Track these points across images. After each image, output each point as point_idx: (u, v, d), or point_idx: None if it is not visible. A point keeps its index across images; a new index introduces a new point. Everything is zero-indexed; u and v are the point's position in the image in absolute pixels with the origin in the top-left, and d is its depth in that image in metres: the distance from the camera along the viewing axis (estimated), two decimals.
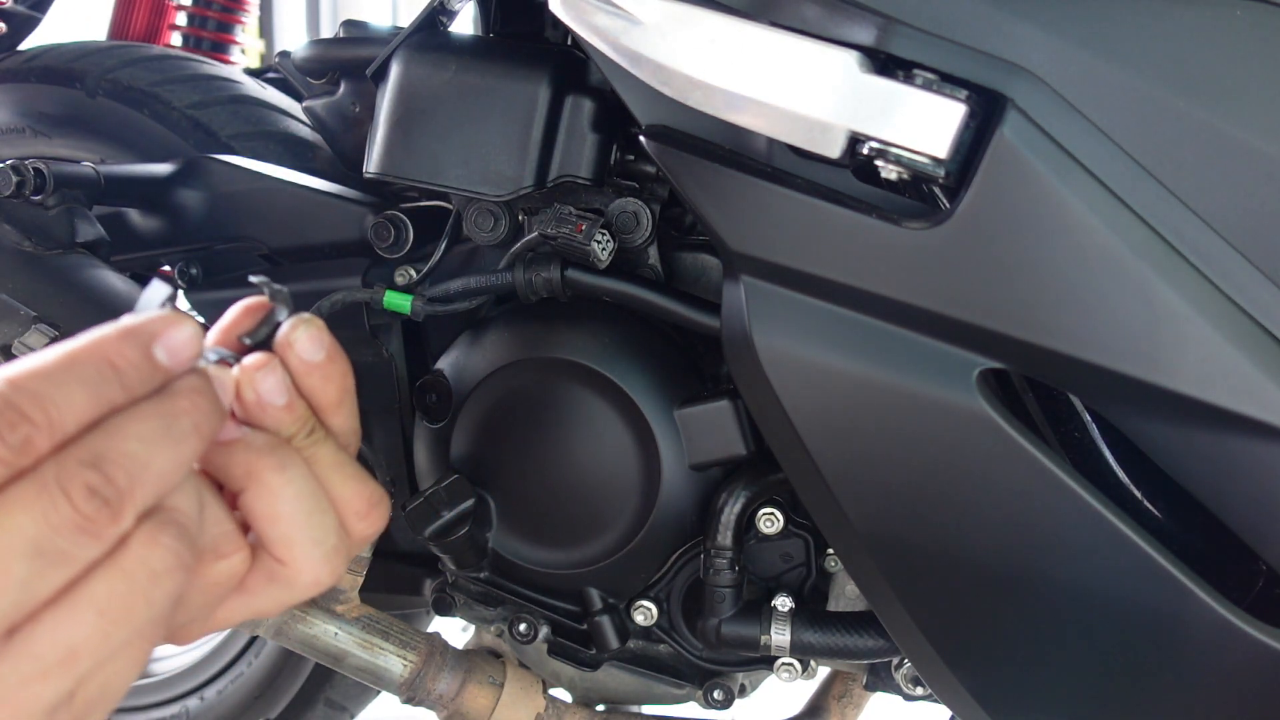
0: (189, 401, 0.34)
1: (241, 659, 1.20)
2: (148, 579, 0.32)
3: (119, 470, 0.31)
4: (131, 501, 0.32)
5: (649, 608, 0.74)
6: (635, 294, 0.69)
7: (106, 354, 0.33)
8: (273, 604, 0.39)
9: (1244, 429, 0.50)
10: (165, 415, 0.33)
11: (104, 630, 0.31)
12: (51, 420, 0.31)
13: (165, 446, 0.33)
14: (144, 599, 0.32)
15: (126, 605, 0.32)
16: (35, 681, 0.31)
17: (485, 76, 0.66)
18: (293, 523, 0.37)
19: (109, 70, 0.96)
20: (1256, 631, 0.52)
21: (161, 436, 0.33)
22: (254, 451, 0.37)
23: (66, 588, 0.31)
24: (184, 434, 0.33)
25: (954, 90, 0.50)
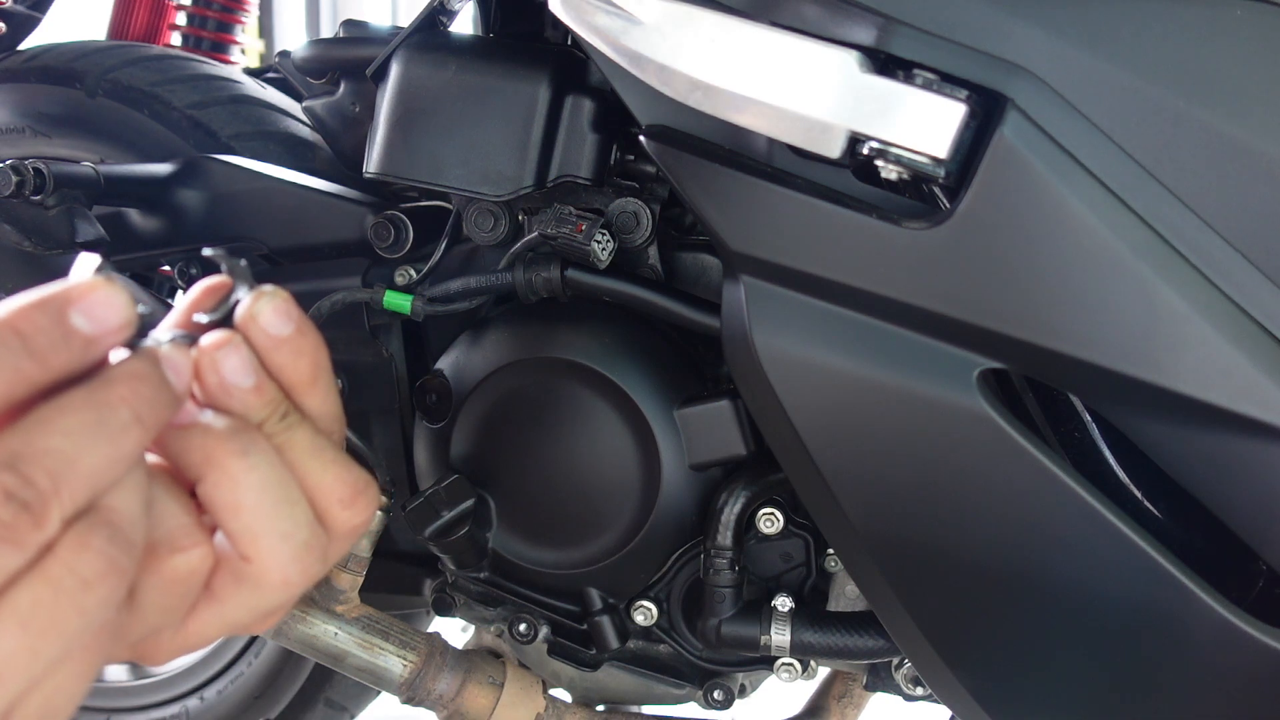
0: (128, 389, 0.30)
1: (241, 659, 1.20)
2: (77, 587, 0.29)
3: (39, 470, 0.28)
4: (56, 504, 0.28)
5: (649, 608, 0.74)
6: (635, 294, 0.69)
7: (12, 321, 0.29)
8: (244, 611, 0.35)
9: (1244, 429, 0.50)
10: (98, 405, 0.30)
11: (31, 646, 0.28)
12: None
13: (97, 440, 0.29)
14: (75, 609, 0.29)
15: (54, 617, 0.28)
16: None
17: (485, 76, 0.66)
18: (257, 514, 0.33)
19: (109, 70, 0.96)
20: (1256, 631, 0.52)
21: (92, 429, 0.29)
22: (212, 436, 0.33)
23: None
24: (122, 426, 0.30)
25: (954, 90, 0.50)
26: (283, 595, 0.35)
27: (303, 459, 0.35)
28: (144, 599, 0.33)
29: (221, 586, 0.35)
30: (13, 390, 0.29)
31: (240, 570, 0.34)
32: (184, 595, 0.34)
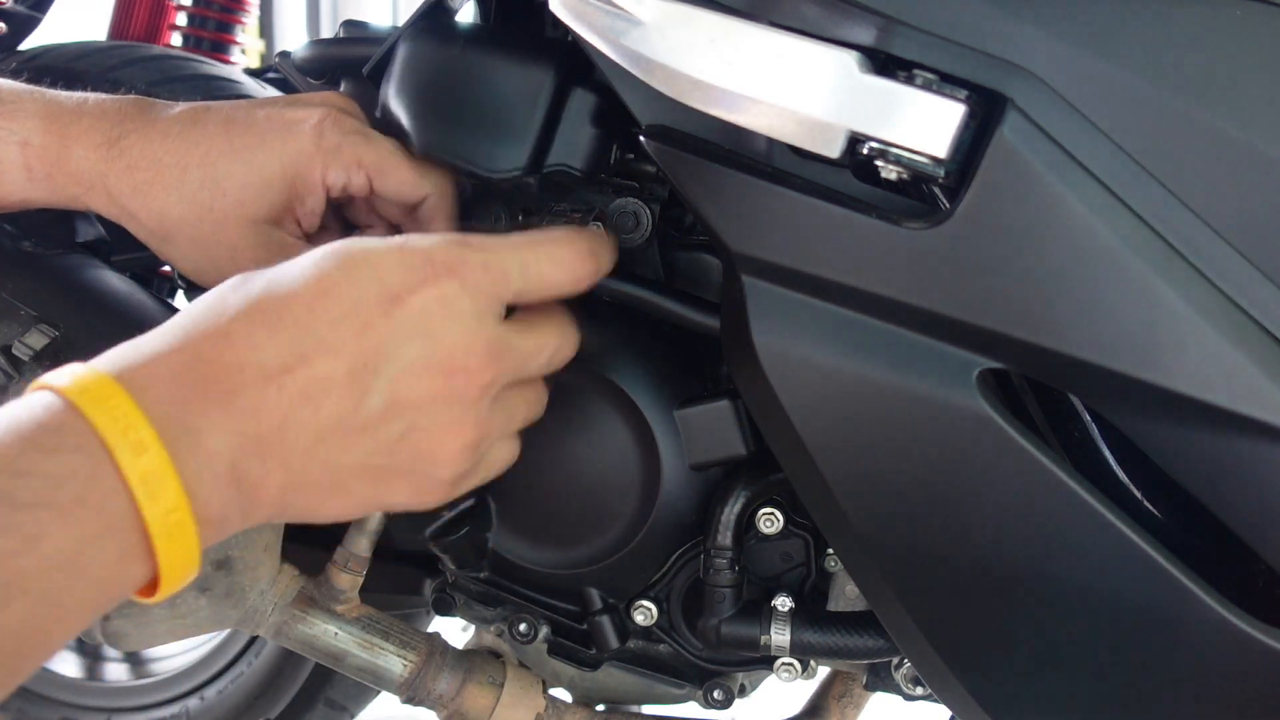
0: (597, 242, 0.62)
1: (241, 659, 1.20)
2: (537, 397, 0.61)
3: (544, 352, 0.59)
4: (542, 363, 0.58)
5: (649, 608, 0.74)
6: (635, 294, 0.69)
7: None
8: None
9: (1244, 429, 0.50)
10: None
11: (510, 424, 0.58)
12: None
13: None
14: (535, 408, 0.60)
15: (528, 412, 0.60)
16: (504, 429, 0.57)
17: (495, 54, 0.66)
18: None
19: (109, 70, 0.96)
20: (1256, 631, 0.52)
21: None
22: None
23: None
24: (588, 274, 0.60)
25: (954, 90, 0.50)
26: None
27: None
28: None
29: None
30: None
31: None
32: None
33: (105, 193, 0.62)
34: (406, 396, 0.50)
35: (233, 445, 0.45)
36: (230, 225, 0.63)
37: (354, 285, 0.49)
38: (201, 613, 0.71)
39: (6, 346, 0.61)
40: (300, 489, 0.49)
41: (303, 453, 0.48)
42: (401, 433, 0.50)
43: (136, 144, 0.63)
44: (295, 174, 0.65)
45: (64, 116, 0.62)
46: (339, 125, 0.66)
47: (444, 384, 0.51)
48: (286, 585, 0.73)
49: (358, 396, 0.48)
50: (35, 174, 0.62)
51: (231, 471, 0.46)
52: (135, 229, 0.64)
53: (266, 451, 0.46)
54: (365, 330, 0.48)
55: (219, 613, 0.71)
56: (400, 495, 0.53)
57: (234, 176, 0.63)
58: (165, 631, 0.71)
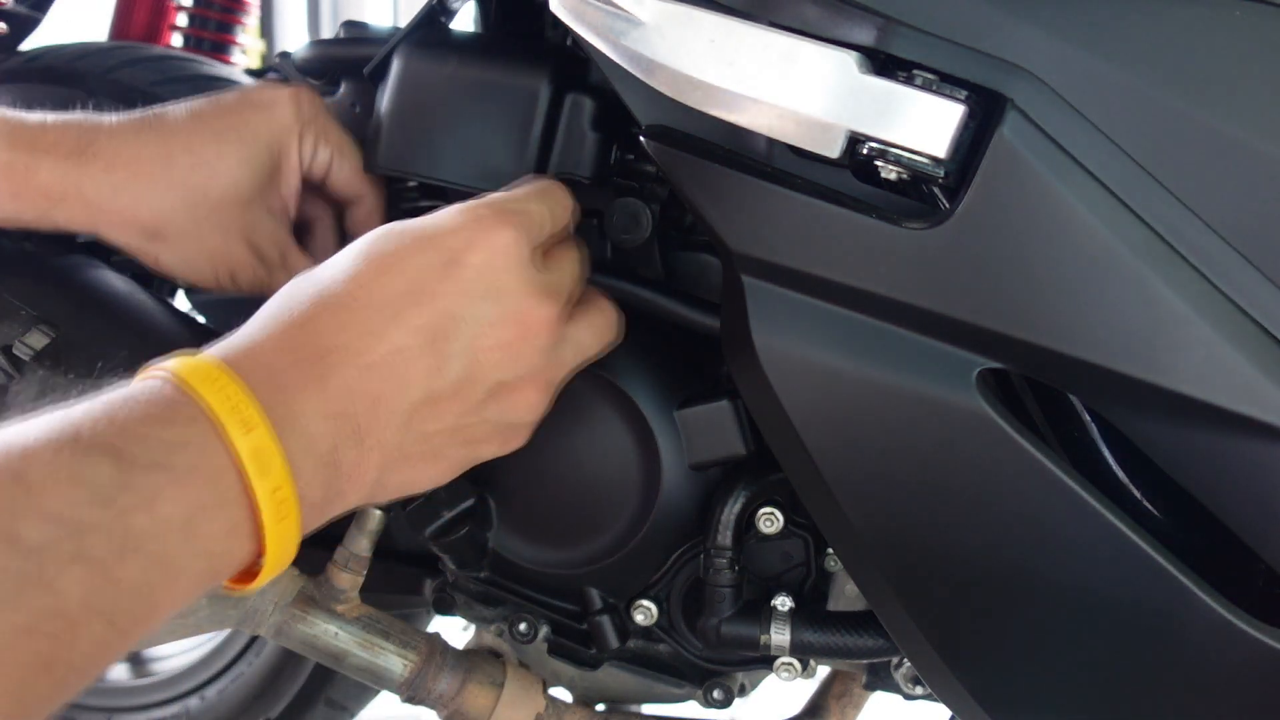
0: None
1: (242, 659, 1.20)
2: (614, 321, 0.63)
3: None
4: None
5: (649, 607, 0.74)
6: (635, 294, 0.69)
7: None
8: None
9: (1244, 429, 0.50)
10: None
11: (594, 342, 0.61)
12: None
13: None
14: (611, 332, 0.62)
15: (605, 332, 0.62)
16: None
17: (486, 71, 0.66)
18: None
19: (109, 70, 0.96)
20: (1256, 631, 0.52)
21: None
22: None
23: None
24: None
25: (954, 90, 0.50)
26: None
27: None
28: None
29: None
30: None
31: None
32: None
33: (80, 201, 0.62)
34: (486, 355, 0.52)
35: (330, 429, 0.47)
36: (224, 209, 0.63)
37: (410, 257, 0.51)
38: (201, 613, 0.71)
39: (7, 346, 0.61)
40: (397, 466, 0.50)
41: (397, 430, 0.49)
42: (488, 390, 0.53)
43: (109, 145, 0.62)
44: (280, 147, 0.65)
45: (28, 133, 0.62)
46: (311, 100, 0.68)
47: (518, 334, 0.53)
48: (287, 585, 0.73)
49: (439, 364, 0.50)
50: (1, 191, 0.61)
51: (331, 454, 0.47)
52: (116, 233, 0.63)
53: (362, 433, 0.48)
54: (432, 298, 0.50)
55: (219, 613, 0.71)
56: (491, 448, 0.55)
57: (224, 157, 0.63)
58: (165, 631, 0.71)
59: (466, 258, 0.51)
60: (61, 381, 0.60)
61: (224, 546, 0.43)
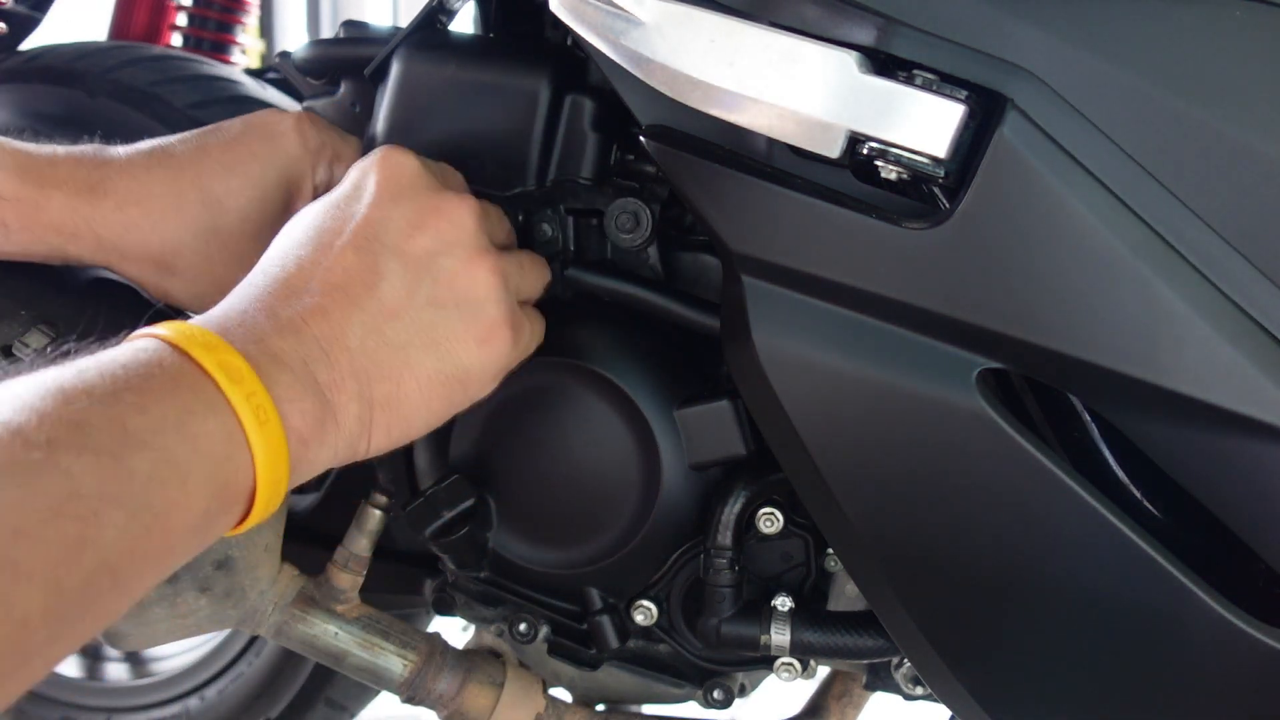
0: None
1: (242, 659, 1.20)
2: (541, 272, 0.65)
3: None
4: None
5: (649, 607, 0.74)
6: (635, 294, 0.69)
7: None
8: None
9: (1244, 429, 0.50)
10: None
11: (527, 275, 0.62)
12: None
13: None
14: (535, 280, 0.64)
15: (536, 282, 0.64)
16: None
17: (485, 74, 0.66)
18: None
19: (109, 70, 0.96)
20: (1256, 631, 0.52)
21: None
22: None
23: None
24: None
25: (954, 90, 0.50)
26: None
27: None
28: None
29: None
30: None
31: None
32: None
33: (92, 237, 0.62)
34: (414, 247, 0.55)
35: (293, 346, 0.49)
36: (235, 242, 0.64)
37: (329, 200, 0.56)
38: (201, 613, 0.71)
39: (6, 346, 0.61)
40: (375, 378, 0.52)
41: (358, 337, 0.52)
42: (431, 281, 0.55)
43: (120, 182, 0.62)
44: (289, 178, 0.66)
45: (37, 167, 0.61)
46: (316, 125, 0.68)
47: (439, 221, 0.56)
48: (286, 585, 0.73)
49: (373, 265, 0.53)
50: (11, 227, 0.61)
51: (304, 368, 0.49)
52: (128, 269, 0.64)
53: (327, 345, 0.51)
54: (349, 219, 0.54)
55: (219, 613, 0.71)
56: (466, 349, 0.56)
57: (233, 194, 0.64)
58: (165, 631, 0.71)
59: (369, 179, 0.56)
60: None
61: (224, 449, 0.45)
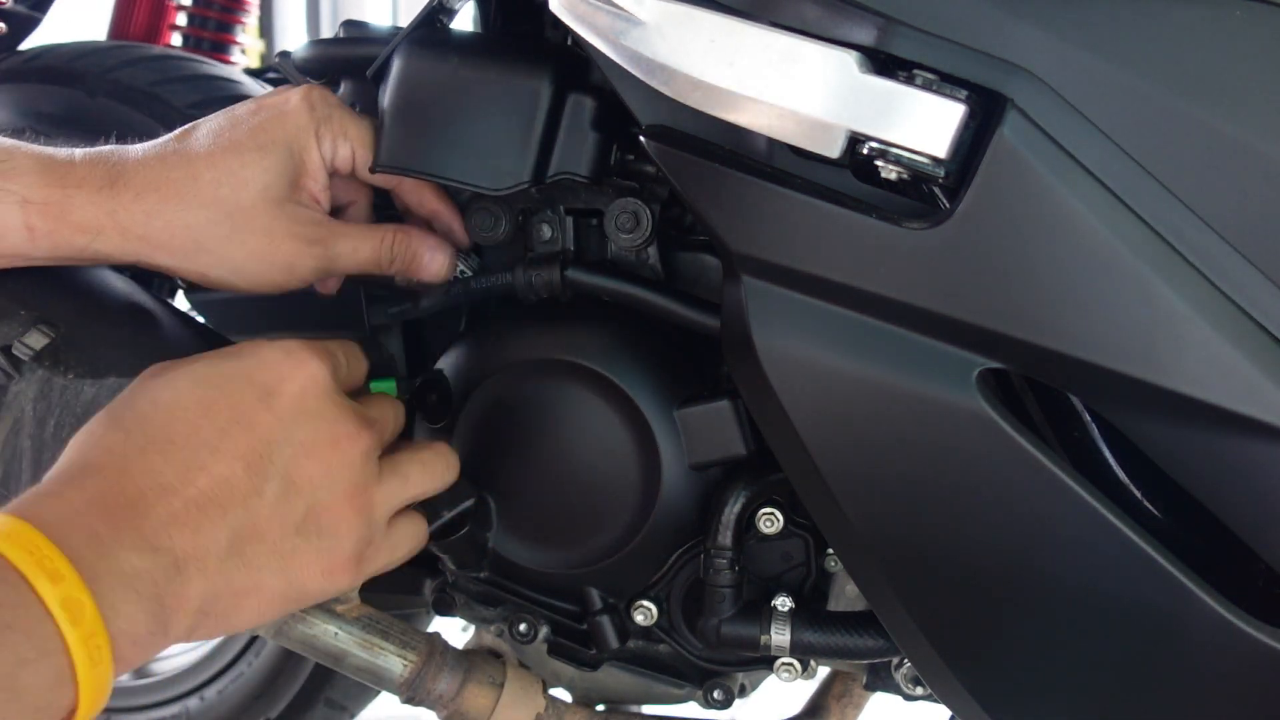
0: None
1: (241, 659, 1.20)
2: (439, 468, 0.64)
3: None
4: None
5: (649, 608, 0.74)
6: (635, 294, 0.69)
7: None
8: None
9: (1244, 429, 0.50)
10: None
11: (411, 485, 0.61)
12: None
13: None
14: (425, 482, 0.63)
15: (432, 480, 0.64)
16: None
17: (488, 70, 0.66)
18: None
19: (109, 70, 0.96)
20: (1256, 631, 0.52)
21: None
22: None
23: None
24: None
25: (954, 90, 0.50)
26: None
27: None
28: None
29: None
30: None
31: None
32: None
33: (117, 230, 0.62)
34: (301, 474, 0.54)
35: (148, 564, 0.48)
36: (258, 212, 0.64)
37: (230, 394, 0.54)
38: None
39: (6, 346, 0.61)
40: (218, 596, 0.51)
41: (218, 556, 0.51)
42: (305, 510, 0.54)
43: (136, 175, 0.63)
44: (300, 148, 0.66)
45: (59, 168, 0.62)
46: (324, 98, 0.68)
47: (330, 453, 0.55)
48: None
49: (258, 485, 0.52)
50: (37, 232, 0.61)
51: (152, 589, 0.48)
52: (156, 256, 0.64)
53: (184, 564, 0.50)
54: (251, 428, 0.53)
55: None
56: (313, 578, 0.56)
57: (247, 166, 0.64)
58: None
59: (282, 387, 0.55)
60: (61, 381, 0.60)
61: (49, 698, 0.44)
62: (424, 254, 0.70)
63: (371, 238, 0.68)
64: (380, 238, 0.69)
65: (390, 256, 0.69)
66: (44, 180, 0.61)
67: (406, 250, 0.70)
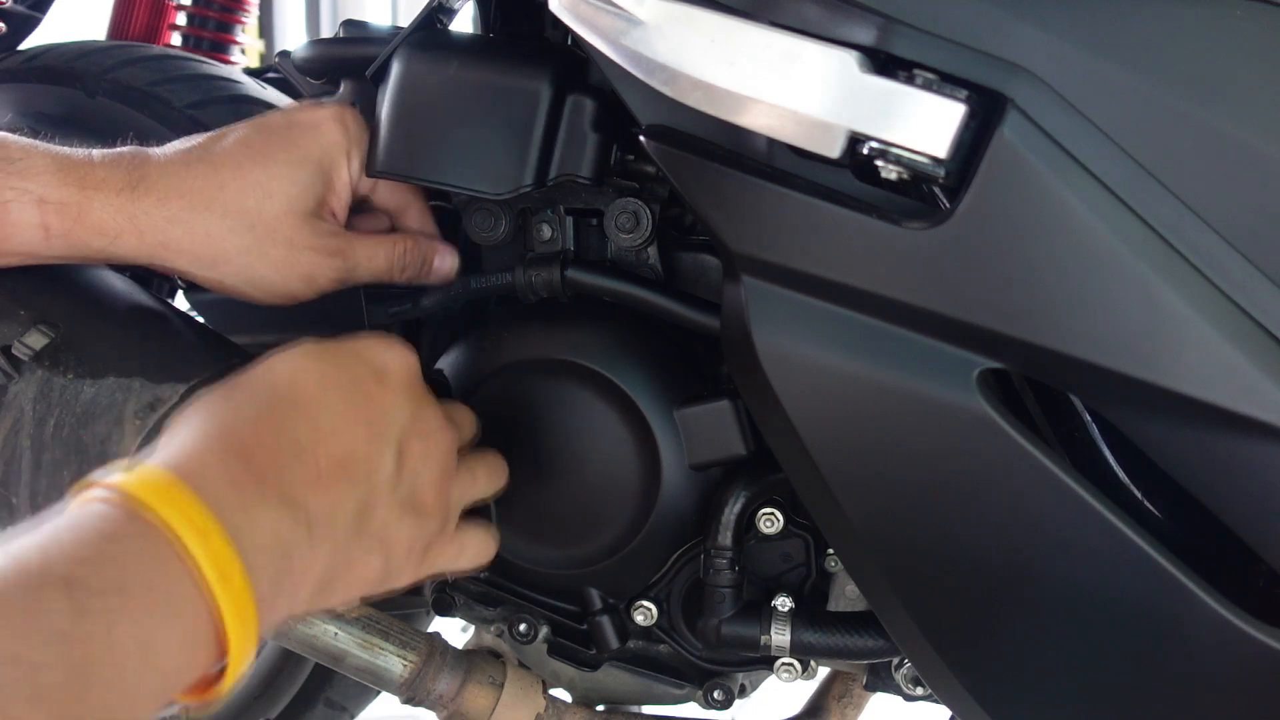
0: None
1: None
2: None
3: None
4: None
5: (649, 608, 0.74)
6: (635, 294, 0.69)
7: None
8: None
9: (1244, 429, 0.50)
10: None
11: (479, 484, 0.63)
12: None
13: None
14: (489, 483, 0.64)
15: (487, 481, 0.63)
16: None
17: (486, 74, 0.66)
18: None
19: (109, 70, 0.96)
20: (1256, 631, 0.52)
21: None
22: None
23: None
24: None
25: (954, 90, 0.50)
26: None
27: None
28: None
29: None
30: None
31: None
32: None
33: (136, 235, 0.62)
34: (410, 451, 0.55)
35: (288, 524, 0.47)
36: (282, 223, 0.64)
37: (348, 367, 0.54)
38: None
39: (6, 346, 0.61)
40: (336, 569, 0.51)
41: (344, 526, 0.50)
42: (409, 488, 0.55)
43: (160, 180, 0.63)
44: (330, 163, 0.66)
45: (77, 169, 0.61)
46: (357, 119, 0.69)
47: (431, 436, 0.56)
48: None
49: (378, 456, 0.53)
50: (53, 232, 0.61)
51: (285, 551, 0.47)
52: (173, 261, 0.64)
53: (314, 531, 0.49)
54: (369, 400, 0.53)
55: None
56: (399, 560, 0.55)
57: (274, 178, 0.64)
58: None
59: (391, 368, 0.56)
60: (61, 381, 0.60)
61: (180, 660, 0.43)
62: (433, 259, 0.71)
63: (385, 247, 0.69)
64: (393, 247, 0.69)
65: (403, 264, 0.69)
66: (61, 180, 0.61)
67: (418, 257, 0.70)
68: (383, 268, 0.69)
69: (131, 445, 0.58)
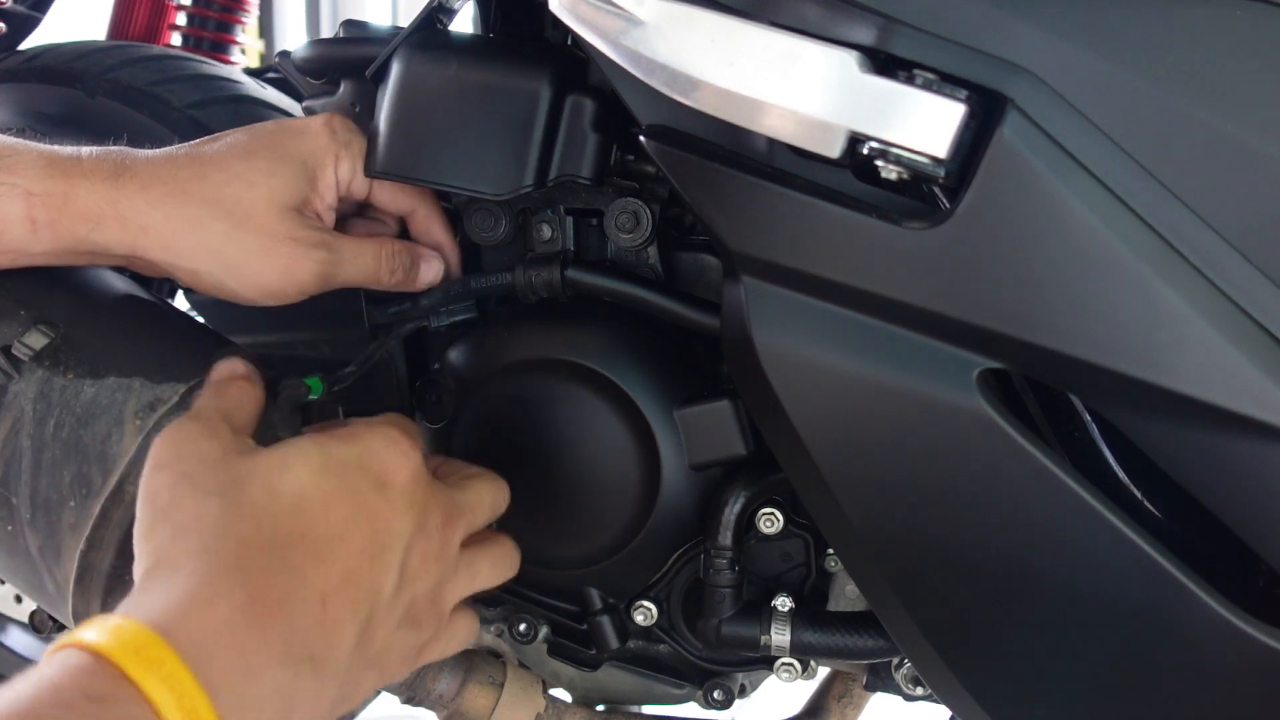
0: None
1: None
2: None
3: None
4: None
5: (649, 608, 0.74)
6: (635, 294, 0.69)
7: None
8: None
9: (1244, 429, 0.50)
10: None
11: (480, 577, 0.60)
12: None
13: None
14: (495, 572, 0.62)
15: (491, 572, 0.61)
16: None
17: (486, 75, 0.66)
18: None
19: (109, 70, 0.96)
20: (1256, 631, 0.52)
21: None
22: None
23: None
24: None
25: (954, 90, 0.50)
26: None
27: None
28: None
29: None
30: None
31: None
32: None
33: (117, 220, 0.62)
34: (410, 567, 0.53)
35: (291, 674, 0.46)
36: (261, 212, 0.64)
37: (349, 482, 0.52)
38: None
39: (6, 346, 0.61)
40: (346, 691, 0.50)
41: (348, 652, 0.49)
42: (408, 603, 0.54)
43: (143, 169, 0.63)
44: (315, 165, 0.66)
45: (64, 162, 0.62)
46: (346, 124, 0.69)
47: (430, 546, 0.55)
48: None
49: (380, 578, 0.51)
50: (39, 224, 0.61)
51: (290, 696, 0.46)
52: (152, 251, 0.63)
53: (320, 667, 0.47)
54: (373, 518, 0.52)
55: None
56: (398, 667, 0.55)
57: (256, 170, 0.64)
58: None
59: (394, 478, 0.54)
60: (61, 381, 0.60)
61: None
62: (420, 264, 0.70)
63: (373, 248, 0.68)
64: (381, 248, 0.68)
65: (391, 267, 0.69)
66: (48, 173, 0.61)
67: (406, 261, 0.70)
68: (370, 268, 0.68)
69: (131, 445, 0.58)
